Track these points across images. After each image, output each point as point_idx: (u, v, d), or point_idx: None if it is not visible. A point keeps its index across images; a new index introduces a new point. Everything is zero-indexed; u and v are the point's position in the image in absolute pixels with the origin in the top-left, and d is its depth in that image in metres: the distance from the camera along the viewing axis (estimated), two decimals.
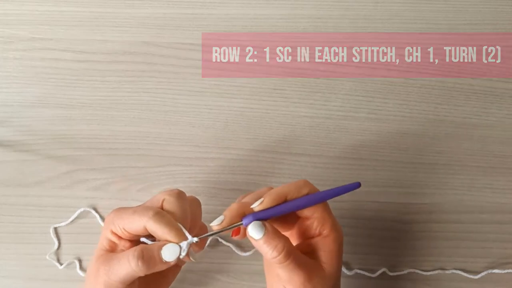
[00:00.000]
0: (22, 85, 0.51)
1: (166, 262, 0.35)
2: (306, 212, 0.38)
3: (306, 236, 0.39)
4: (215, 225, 0.35)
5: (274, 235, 0.35)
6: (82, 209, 0.49)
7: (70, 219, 0.49)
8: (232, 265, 0.48)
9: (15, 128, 0.50)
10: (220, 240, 0.48)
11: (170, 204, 0.37)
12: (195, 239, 0.35)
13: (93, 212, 0.49)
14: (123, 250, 0.37)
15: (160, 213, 0.36)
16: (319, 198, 0.37)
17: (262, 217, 0.36)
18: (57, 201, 0.49)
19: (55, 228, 0.49)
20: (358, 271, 0.48)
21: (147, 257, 0.34)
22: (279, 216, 0.37)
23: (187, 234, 0.35)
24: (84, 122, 0.51)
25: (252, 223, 0.35)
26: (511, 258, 0.48)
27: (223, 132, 0.50)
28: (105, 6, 0.52)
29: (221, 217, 0.35)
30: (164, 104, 0.51)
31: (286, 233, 0.39)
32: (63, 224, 0.49)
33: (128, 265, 0.34)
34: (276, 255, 0.35)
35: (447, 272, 0.48)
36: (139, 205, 0.39)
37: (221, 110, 0.51)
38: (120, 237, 0.37)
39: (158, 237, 0.36)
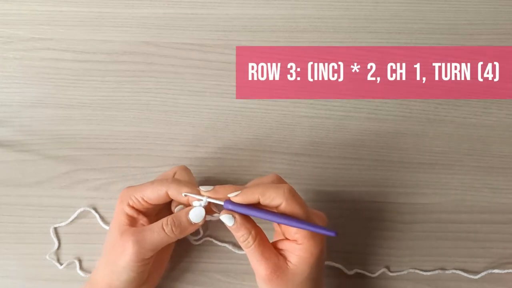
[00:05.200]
0: (22, 85, 0.51)
1: (194, 224, 0.40)
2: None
3: (286, 236, 0.41)
4: (203, 190, 0.39)
5: (241, 225, 0.39)
6: (82, 209, 0.49)
7: (70, 219, 0.49)
8: (232, 265, 0.48)
9: (15, 128, 0.50)
10: (215, 241, 0.48)
11: (180, 176, 0.44)
12: (209, 187, 0.40)
13: (93, 212, 0.49)
14: (143, 224, 0.42)
15: (177, 179, 0.42)
16: (293, 223, 0.38)
17: (240, 210, 0.39)
18: (57, 201, 0.49)
19: (55, 228, 0.49)
20: (358, 271, 0.48)
21: (178, 223, 0.40)
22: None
23: (203, 192, 0.40)
24: (84, 122, 0.51)
25: (224, 214, 0.39)
26: (511, 258, 0.48)
27: (223, 132, 0.50)
28: (105, 6, 0.52)
29: (210, 187, 0.40)
30: (164, 104, 0.51)
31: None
32: (63, 224, 0.49)
33: (163, 233, 0.40)
34: (242, 241, 0.39)
35: (447, 272, 0.48)
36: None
37: (221, 110, 0.51)
38: (138, 211, 0.42)
39: (178, 200, 0.41)
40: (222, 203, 0.39)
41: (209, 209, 0.40)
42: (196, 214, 0.40)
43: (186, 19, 0.52)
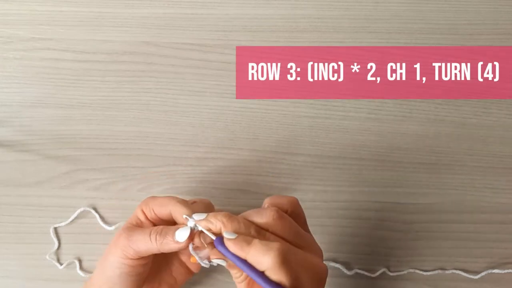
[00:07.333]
0: (22, 85, 0.51)
1: (177, 242, 0.38)
2: None
3: None
4: (195, 218, 0.39)
5: (233, 267, 0.38)
6: (82, 209, 0.49)
7: (70, 219, 0.49)
8: None
9: (15, 128, 0.50)
10: None
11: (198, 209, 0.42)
12: (204, 215, 0.38)
13: (93, 212, 0.49)
14: None
15: (183, 200, 0.41)
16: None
17: (228, 256, 0.37)
18: (57, 201, 0.49)
19: (55, 228, 0.49)
20: (358, 271, 0.48)
21: (164, 234, 0.39)
22: None
23: (195, 216, 0.39)
24: (84, 122, 0.51)
25: (216, 259, 0.38)
26: (511, 258, 0.48)
27: (223, 132, 0.50)
28: (105, 6, 0.52)
29: (204, 215, 0.38)
30: (164, 104, 0.51)
31: None
32: (63, 224, 0.49)
33: (148, 238, 0.39)
34: (235, 278, 0.38)
35: (447, 272, 0.48)
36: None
37: (221, 110, 0.51)
38: (147, 218, 0.42)
39: (177, 220, 0.40)
40: (213, 237, 0.37)
41: (198, 235, 0.38)
42: (182, 234, 0.38)
43: (186, 19, 0.52)
